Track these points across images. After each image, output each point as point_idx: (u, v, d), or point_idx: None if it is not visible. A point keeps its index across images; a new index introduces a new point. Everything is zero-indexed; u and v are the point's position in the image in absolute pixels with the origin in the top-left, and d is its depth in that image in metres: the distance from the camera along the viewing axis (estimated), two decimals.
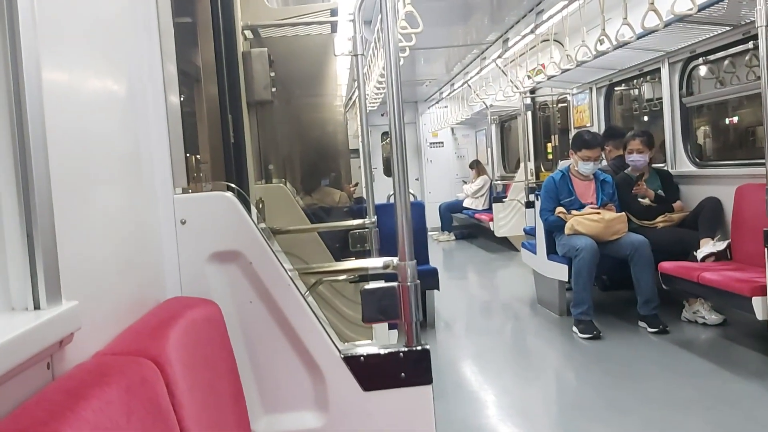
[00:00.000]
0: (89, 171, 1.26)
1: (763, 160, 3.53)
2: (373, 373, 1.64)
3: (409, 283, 1.60)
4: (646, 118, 6.81)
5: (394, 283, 1.62)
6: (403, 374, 1.63)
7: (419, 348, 1.62)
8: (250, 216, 1.73)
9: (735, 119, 6.03)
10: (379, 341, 2.81)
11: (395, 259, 1.64)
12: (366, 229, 3.25)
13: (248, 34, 3.30)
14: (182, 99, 2.25)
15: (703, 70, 5.34)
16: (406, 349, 1.63)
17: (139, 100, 1.58)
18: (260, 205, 3.07)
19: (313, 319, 1.67)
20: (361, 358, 1.64)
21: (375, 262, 1.96)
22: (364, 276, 2.48)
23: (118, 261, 1.36)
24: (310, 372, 1.68)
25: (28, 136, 0.98)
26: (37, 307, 1.00)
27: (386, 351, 1.64)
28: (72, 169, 1.17)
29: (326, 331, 1.66)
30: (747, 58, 4.81)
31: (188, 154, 2.57)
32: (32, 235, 0.98)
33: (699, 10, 3.65)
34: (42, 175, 1.01)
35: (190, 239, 1.67)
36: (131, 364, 1.09)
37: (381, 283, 1.65)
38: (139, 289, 1.48)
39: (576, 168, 5.01)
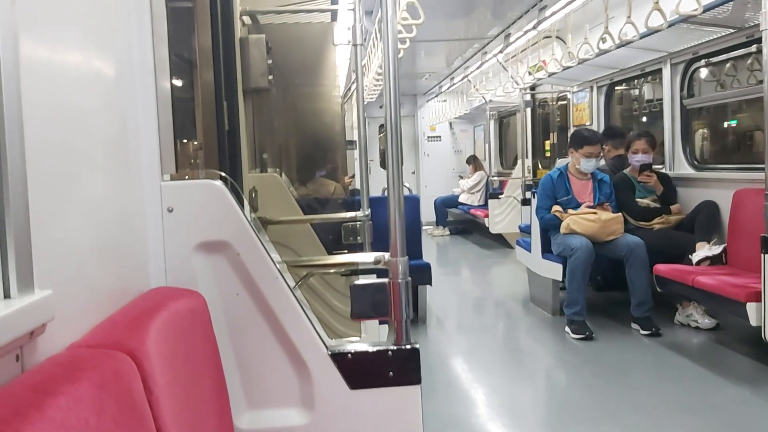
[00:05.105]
0: (70, 154, 1.21)
1: (762, 165, 3.50)
2: (360, 371, 1.60)
3: (400, 280, 1.56)
4: (644, 119, 6.78)
5: (385, 280, 1.58)
6: (391, 373, 1.59)
7: (408, 347, 1.58)
8: (240, 206, 1.68)
9: (734, 123, 6.00)
10: (369, 336, 2.77)
11: (386, 255, 1.59)
12: (359, 222, 3.21)
13: (246, 19, 3.24)
14: (176, 84, 2.19)
15: (704, 73, 5.29)
16: (395, 348, 1.59)
17: (127, 83, 1.53)
18: (253, 194, 3.03)
19: (301, 314, 1.62)
20: (349, 355, 1.60)
21: (366, 257, 1.93)
22: (356, 269, 2.44)
23: (99, 249, 1.31)
24: (296, 368, 1.64)
25: (2, 114, 0.93)
26: (7, 296, 0.95)
27: (375, 349, 1.60)
28: (51, 151, 1.12)
29: (314, 327, 1.62)
30: (749, 61, 4.77)
31: (185, 140, 2.53)
32: (3, 220, 0.93)
33: (704, 11, 3.61)
34: (16, 156, 0.95)
35: (177, 228, 1.62)
36: (105, 357, 1.04)
37: (371, 279, 1.61)
38: (121, 278, 1.43)
39: (577, 166, 4.96)
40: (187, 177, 1.74)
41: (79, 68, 1.28)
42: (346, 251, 3.32)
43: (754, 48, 4.44)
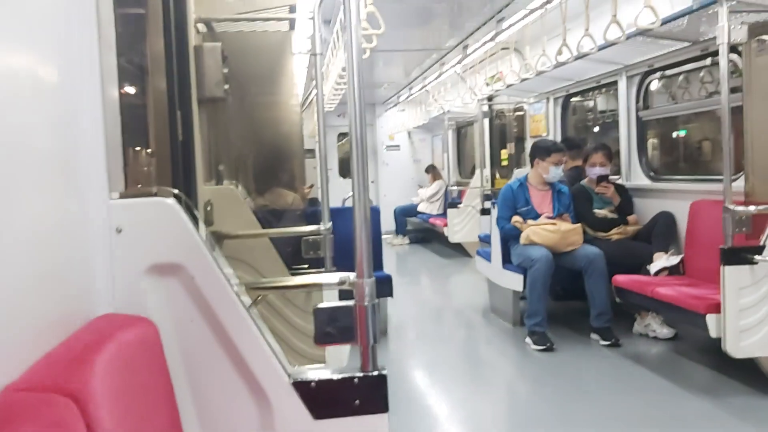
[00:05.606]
0: (4, 169, 1.09)
1: (720, 177, 3.53)
2: (324, 400, 1.52)
3: (366, 303, 1.47)
4: (597, 129, 6.87)
5: (350, 302, 1.49)
6: (357, 401, 1.51)
7: (376, 373, 1.50)
8: (195, 225, 1.58)
9: (684, 132, 6.13)
10: (333, 357, 2.67)
11: (352, 275, 1.51)
12: (320, 236, 3.12)
13: (201, 27, 3.13)
14: (126, 93, 2.07)
15: (660, 85, 5.37)
16: (361, 374, 1.51)
17: (71, 93, 1.41)
18: (208, 208, 2.91)
19: (261, 341, 1.52)
20: (312, 383, 1.51)
21: (330, 278, 1.83)
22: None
23: (37, 274, 1.20)
24: (255, 398, 1.54)
25: None
26: None
27: (340, 376, 1.52)
28: None
29: (275, 354, 1.53)
30: (701, 74, 4.86)
31: (136, 153, 2.40)
32: None
33: (661, 24, 3.64)
34: None
35: (126, 250, 1.51)
36: (43, 403, 0.93)
37: (335, 302, 1.53)
38: (63, 306, 1.32)
39: (544, 176, 4.94)
40: (137, 194, 1.63)
41: (14, 75, 1.17)
42: (306, 266, 3.23)
43: (708, 61, 4.52)
